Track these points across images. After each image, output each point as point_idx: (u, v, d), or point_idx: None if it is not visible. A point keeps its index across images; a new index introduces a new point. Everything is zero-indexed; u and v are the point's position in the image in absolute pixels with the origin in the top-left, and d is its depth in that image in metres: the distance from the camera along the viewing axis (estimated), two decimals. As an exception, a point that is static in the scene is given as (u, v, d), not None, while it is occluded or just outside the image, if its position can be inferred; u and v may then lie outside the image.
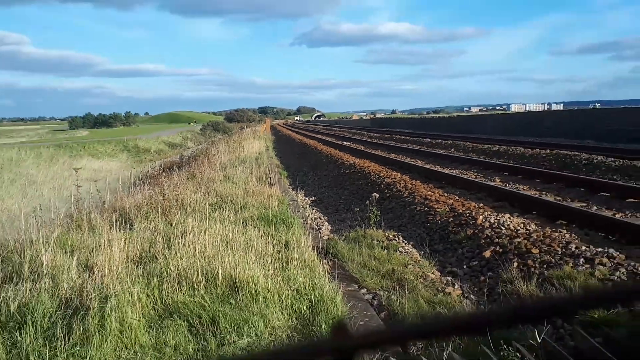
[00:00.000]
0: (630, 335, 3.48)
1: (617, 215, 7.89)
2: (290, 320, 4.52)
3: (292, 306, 4.69)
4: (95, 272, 5.00)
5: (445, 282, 5.98)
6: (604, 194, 9.83)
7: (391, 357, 3.51)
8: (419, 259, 6.85)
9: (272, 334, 4.31)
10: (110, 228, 6.54)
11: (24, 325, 4.09)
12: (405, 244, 7.59)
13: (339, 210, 11.30)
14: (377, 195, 9.98)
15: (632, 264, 5.43)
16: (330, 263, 6.38)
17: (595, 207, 8.70)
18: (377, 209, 8.81)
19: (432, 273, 6.26)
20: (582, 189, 10.53)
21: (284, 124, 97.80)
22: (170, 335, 4.19)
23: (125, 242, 5.96)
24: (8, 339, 4.03)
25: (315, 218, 10.54)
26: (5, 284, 4.87)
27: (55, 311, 4.31)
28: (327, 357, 0.23)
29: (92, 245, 5.92)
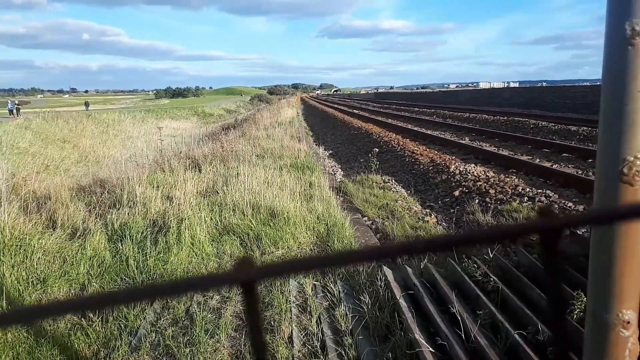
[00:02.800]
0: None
1: (554, 166, 7.76)
2: (312, 238, 4.59)
3: (313, 228, 4.75)
4: (174, 202, 5.09)
5: (424, 213, 5.99)
6: (545, 150, 9.66)
7: (383, 265, 3.55)
8: (406, 196, 6.84)
9: (299, 247, 4.38)
10: (185, 170, 6.61)
11: (124, 238, 4.21)
12: (397, 185, 7.58)
13: (349, 161, 11.25)
14: (377, 150, 9.91)
15: (563, 201, 5.38)
16: (341, 198, 6.41)
17: (538, 160, 8.55)
18: (376, 160, 8.77)
19: (415, 206, 6.26)
20: (529, 146, 10.34)
21: (309, 97, 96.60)
22: (227, 247, 4.28)
23: (195, 181, 6.04)
24: (113, 247, 4.16)
25: (331, 166, 10.52)
26: (111, 208, 4.99)
27: (146, 228, 4.42)
28: (234, 285, 0.21)
29: (172, 182, 6.00)
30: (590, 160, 7.88)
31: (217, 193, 5.61)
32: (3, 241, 3.98)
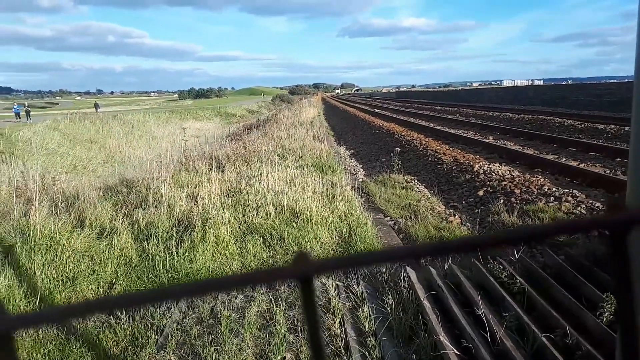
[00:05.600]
0: (585, 254, 3.40)
1: (580, 165, 7.57)
2: (334, 238, 4.58)
3: (335, 228, 4.74)
4: (199, 201, 5.15)
5: (448, 213, 5.92)
6: (571, 148, 9.44)
7: (407, 266, 3.51)
8: (429, 196, 6.77)
9: (321, 247, 4.38)
10: (209, 170, 6.69)
11: (150, 237, 4.28)
12: (419, 185, 7.51)
13: (371, 160, 11.19)
14: (399, 149, 9.85)
15: (591, 201, 5.25)
16: (363, 198, 6.38)
17: (564, 159, 8.36)
18: (399, 159, 8.71)
19: (439, 206, 6.20)
20: (554, 145, 10.13)
21: (330, 96, 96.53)
22: (251, 246, 4.31)
23: (219, 181, 6.10)
24: (139, 246, 4.23)
25: (353, 166, 10.49)
26: (137, 208, 5.08)
27: (171, 228, 4.49)
28: (291, 279, 0.22)
29: (196, 182, 6.07)
30: (618, 159, 7.66)
31: (241, 193, 5.65)
32: (34, 240, 4.09)
